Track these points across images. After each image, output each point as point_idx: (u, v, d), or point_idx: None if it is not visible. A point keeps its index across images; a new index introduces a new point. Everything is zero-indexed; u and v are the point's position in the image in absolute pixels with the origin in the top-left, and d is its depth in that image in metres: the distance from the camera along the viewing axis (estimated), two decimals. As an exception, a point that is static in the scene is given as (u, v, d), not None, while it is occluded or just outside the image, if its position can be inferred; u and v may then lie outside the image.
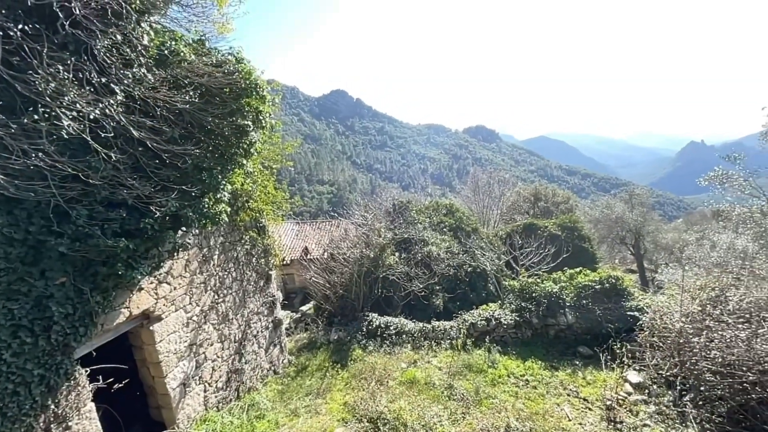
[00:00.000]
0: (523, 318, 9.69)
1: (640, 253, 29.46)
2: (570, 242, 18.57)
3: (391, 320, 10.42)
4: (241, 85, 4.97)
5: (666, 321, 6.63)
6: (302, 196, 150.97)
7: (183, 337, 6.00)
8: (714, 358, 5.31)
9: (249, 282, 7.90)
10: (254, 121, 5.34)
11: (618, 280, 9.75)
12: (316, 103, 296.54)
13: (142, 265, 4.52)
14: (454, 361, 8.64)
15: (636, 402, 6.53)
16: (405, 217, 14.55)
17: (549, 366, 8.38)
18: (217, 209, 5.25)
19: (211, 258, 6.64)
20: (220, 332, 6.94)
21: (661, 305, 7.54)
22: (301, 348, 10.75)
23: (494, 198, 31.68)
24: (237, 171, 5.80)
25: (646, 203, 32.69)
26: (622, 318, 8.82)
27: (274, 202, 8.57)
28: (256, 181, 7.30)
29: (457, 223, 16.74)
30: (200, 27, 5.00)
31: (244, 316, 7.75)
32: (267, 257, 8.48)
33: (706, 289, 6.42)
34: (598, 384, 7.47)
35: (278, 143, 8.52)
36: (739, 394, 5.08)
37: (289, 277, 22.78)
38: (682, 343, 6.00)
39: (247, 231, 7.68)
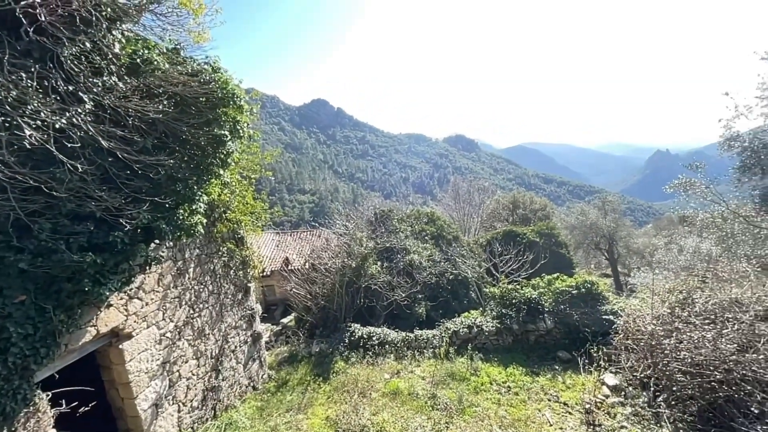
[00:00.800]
0: (504, 324, 9.81)
1: (614, 257, 30.54)
2: (548, 248, 19.05)
3: (374, 330, 10.33)
4: (217, 95, 4.89)
5: (638, 324, 6.87)
6: (283, 205, 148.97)
7: (155, 355, 5.74)
8: (683, 359, 5.53)
9: (226, 295, 7.67)
10: (231, 131, 5.26)
11: (593, 284, 10.04)
12: (297, 112, 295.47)
13: (111, 280, 4.32)
14: (437, 370, 8.63)
15: (613, 404, 6.68)
16: (387, 225, 14.57)
17: (530, 372, 8.49)
18: (192, 221, 5.09)
19: (186, 271, 6.42)
20: (195, 348, 6.68)
21: (634, 308, 7.81)
22: (282, 362, 10.47)
23: (474, 206, 32.26)
24: (214, 181, 5.67)
25: (618, 209, 34.07)
26: (598, 322, 9.07)
27: (252, 213, 8.41)
28: (234, 192, 7.15)
29: (439, 231, 16.90)
30: (175, 36, 4.91)
31: (222, 331, 7.50)
32: (245, 269, 8.27)
33: (674, 292, 6.71)
34: (578, 388, 7.62)
35: (257, 153, 8.41)
36: (707, 393, 5.28)
37: (269, 289, 22.28)
38: (654, 345, 6.22)
39: (225, 243, 7.48)
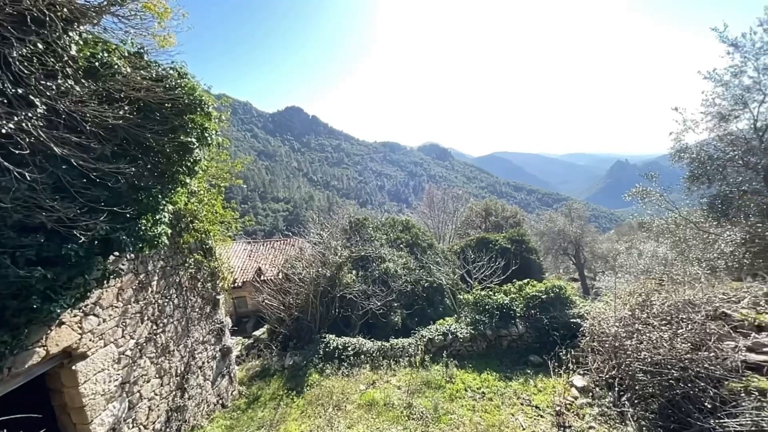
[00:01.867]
0: (478, 330, 9.95)
1: (581, 262, 31.92)
2: (519, 254, 19.62)
3: (349, 341, 10.18)
4: (184, 101, 4.72)
5: (603, 326, 7.17)
6: (256, 214, 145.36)
7: (113, 376, 5.36)
8: (644, 359, 5.82)
9: (193, 309, 7.33)
10: (199, 138, 5.09)
11: (561, 289, 10.42)
12: (271, 119, 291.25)
13: (64, 296, 4.02)
14: (413, 379, 8.60)
15: (582, 405, 6.90)
16: (362, 234, 14.52)
17: (503, 377, 8.63)
18: (155, 231, 4.85)
19: (149, 284, 6.09)
20: (158, 366, 6.31)
21: (599, 311, 8.16)
22: (253, 377, 10.08)
23: (449, 214, 32.85)
24: (180, 190, 5.44)
25: (584, 216, 35.78)
26: (566, 325, 9.39)
27: (222, 222, 8.14)
28: (202, 201, 6.90)
29: (414, 239, 17.02)
30: (139, 40, 4.72)
31: (188, 347, 7.14)
32: (214, 281, 7.96)
33: (634, 294, 7.08)
34: (548, 391, 7.81)
35: (227, 160, 8.18)
36: (666, 391, 5.57)
37: (240, 301, 21.53)
38: (617, 346, 6.51)
39: (192, 253, 7.17)
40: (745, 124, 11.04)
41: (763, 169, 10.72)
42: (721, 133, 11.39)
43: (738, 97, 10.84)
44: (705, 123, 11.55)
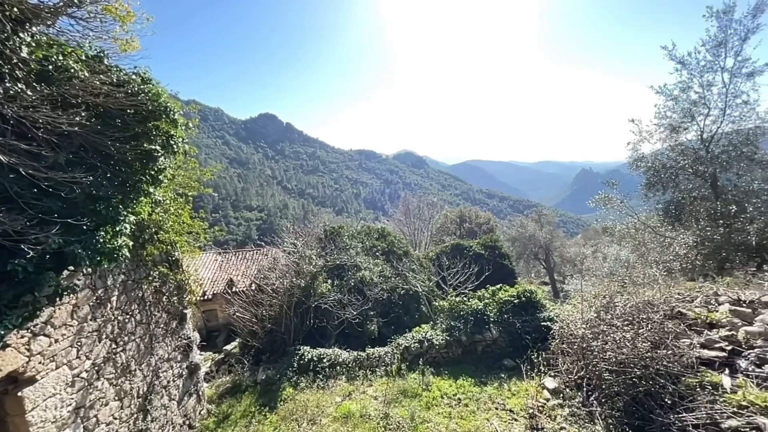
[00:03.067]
0: (453, 337, 10.04)
1: (551, 266, 33.07)
2: (492, 260, 20.08)
3: (325, 352, 9.98)
4: (147, 107, 4.54)
5: (571, 328, 7.43)
6: (227, 223, 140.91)
7: (66, 400, 4.97)
8: (609, 359, 6.07)
9: (158, 324, 6.95)
10: (164, 146, 4.89)
11: (532, 293, 10.73)
12: (243, 126, 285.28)
13: (9, 316, 3.70)
14: (389, 389, 8.52)
15: (553, 407, 7.08)
16: (337, 242, 14.38)
17: (478, 382, 8.73)
18: (115, 244, 4.58)
19: (108, 300, 5.72)
20: (118, 388, 5.91)
21: (567, 314, 8.45)
22: (224, 394, 9.65)
23: (424, 221, 33.21)
24: (143, 200, 5.19)
25: (553, 222, 37.26)
26: (537, 328, 9.66)
27: (190, 233, 7.82)
28: (168, 210, 6.61)
29: (389, 246, 17.06)
30: (99, 43, 4.51)
31: (151, 365, 6.74)
32: (181, 294, 7.60)
33: (599, 297, 7.41)
34: (522, 394, 7.97)
35: (195, 168, 7.90)
36: (630, 389, 5.82)
37: (211, 314, 20.67)
38: (585, 347, 6.76)
39: (157, 266, 6.83)
40: (693, 135, 11.96)
41: (710, 177, 11.61)
42: (673, 144, 12.26)
43: (686, 111, 11.73)
44: (658, 134, 12.41)
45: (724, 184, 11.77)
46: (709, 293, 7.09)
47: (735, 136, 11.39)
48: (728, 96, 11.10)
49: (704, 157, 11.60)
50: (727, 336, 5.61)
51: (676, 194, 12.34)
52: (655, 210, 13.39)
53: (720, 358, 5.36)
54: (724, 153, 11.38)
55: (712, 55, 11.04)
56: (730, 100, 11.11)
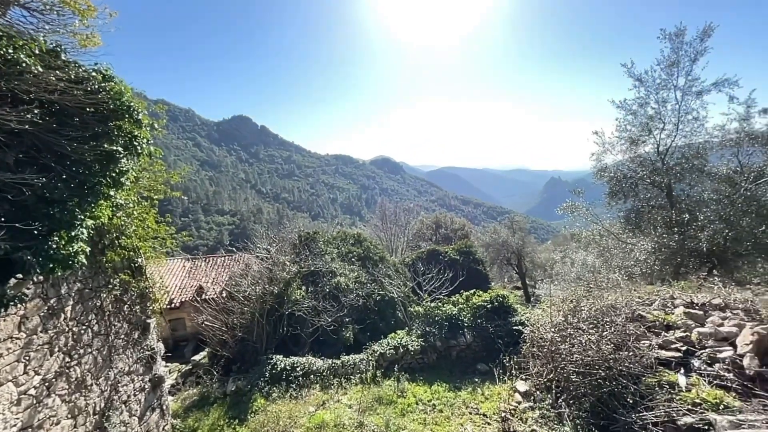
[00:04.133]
0: (428, 342, 10.09)
1: (523, 271, 34.01)
2: (467, 265, 20.43)
3: (298, 360, 9.75)
4: (109, 106, 4.31)
5: (541, 332, 7.63)
6: (198, 228, 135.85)
7: (11, 421, 4.55)
8: (576, 361, 6.27)
9: (118, 335, 6.54)
10: (127, 147, 4.66)
11: (504, 298, 10.99)
12: (216, 128, 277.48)
13: (-57, 330, 3.37)
14: (364, 396, 8.42)
15: (525, 410, 7.22)
16: (312, 248, 14.16)
17: (453, 387, 8.80)
18: (70, 250, 4.28)
19: (62, 310, 5.33)
20: (72, 405, 5.49)
21: (537, 318, 8.69)
22: (191, 407, 9.21)
23: (401, 226, 33.39)
24: (102, 203, 4.90)
25: (524, 228, 38.39)
26: (510, 332, 9.88)
27: (155, 238, 7.46)
28: (131, 215, 6.27)
29: (366, 252, 16.99)
30: (56, 37, 4.25)
31: (110, 379, 6.32)
32: (144, 303, 7.20)
33: (566, 301, 7.67)
34: (495, 398, 8.10)
35: (162, 171, 7.56)
36: (596, 390, 6.03)
37: (178, 323, 19.73)
38: (554, 350, 6.95)
39: (117, 273, 6.44)
40: (651, 147, 12.73)
41: (666, 187, 12.38)
42: (633, 155, 13.00)
43: (644, 125, 12.50)
44: (620, 146, 13.14)
45: (678, 193, 12.59)
46: (666, 297, 7.51)
47: (687, 150, 12.24)
48: (681, 112, 11.93)
49: (660, 169, 12.38)
50: (682, 337, 5.95)
51: (636, 203, 13.06)
52: (617, 217, 14.11)
53: (676, 358, 5.67)
54: (678, 165, 12.19)
55: (666, 74, 11.85)
56: (683, 116, 11.95)
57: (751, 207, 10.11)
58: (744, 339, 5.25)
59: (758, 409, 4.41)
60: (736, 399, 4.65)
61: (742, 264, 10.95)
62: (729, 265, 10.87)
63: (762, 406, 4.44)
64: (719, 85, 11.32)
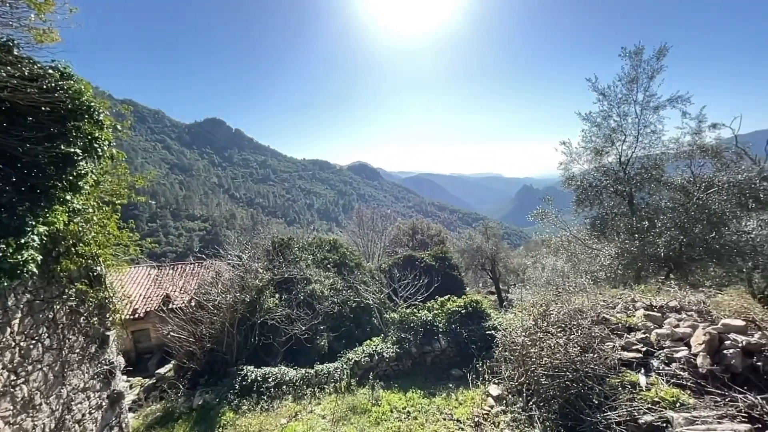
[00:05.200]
0: (404, 349, 10.08)
1: (496, 276, 34.79)
2: (443, 271, 20.66)
3: (270, 371, 9.47)
4: (67, 106, 4.07)
5: (513, 336, 7.82)
6: (166, 233, 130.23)
7: (-56, 448, 4.14)
8: (545, 364, 6.45)
9: (72, 349, 6.11)
10: (86, 149, 4.41)
11: (478, 303, 11.17)
12: (187, 130, 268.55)
13: None
14: (338, 406, 8.29)
15: (497, 413, 7.35)
16: (286, 255, 13.87)
17: (427, 393, 8.80)
18: (19, 258, 3.98)
19: (8, 324, 4.92)
20: (17, 427, 5.05)
21: (509, 323, 8.90)
22: (153, 424, 8.71)
23: (378, 232, 33.40)
24: (58, 208, 4.60)
25: (498, 234, 39.35)
26: (483, 337, 10.04)
27: (117, 245, 7.07)
28: (90, 220, 5.91)
29: (342, 258, 16.84)
30: (8, 31, 3.98)
31: (63, 397, 5.88)
32: (103, 314, 6.78)
33: (536, 305, 7.91)
34: (468, 403, 8.17)
35: (126, 174, 7.20)
36: (564, 392, 6.22)
37: (142, 334, 18.70)
38: (524, 354, 7.14)
39: (73, 283, 6.04)
40: (614, 158, 13.45)
41: (628, 196, 13.10)
42: (597, 165, 13.68)
43: (607, 136, 13.20)
44: (586, 156, 13.79)
45: (639, 202, 13.34)
46: (628, 300, 7.89)
47: (646, 161, 13.03)
48: (640, 125, 12.71)
49: (622, 178, 13.09)
50: (643, 338, 6.26)
51: (601, 210, 13.72)
52: (584, 224, 14.76)
53: (637, 358, 5.95)
54: (638, 175, 12.95)
55: (626, 89, 12.61)
56: (642, 129, 12.73)
57: (703, 215, 10.85)
58: (697, 339, 5.58)
59: (710, 405, 4.69)
60: (691, 396, 4.93)
61: (695, 268, 11.69)
62: (684, 269, 11.59)
63: (713, 402, 4.73)
64: (673, 101, 12.17)
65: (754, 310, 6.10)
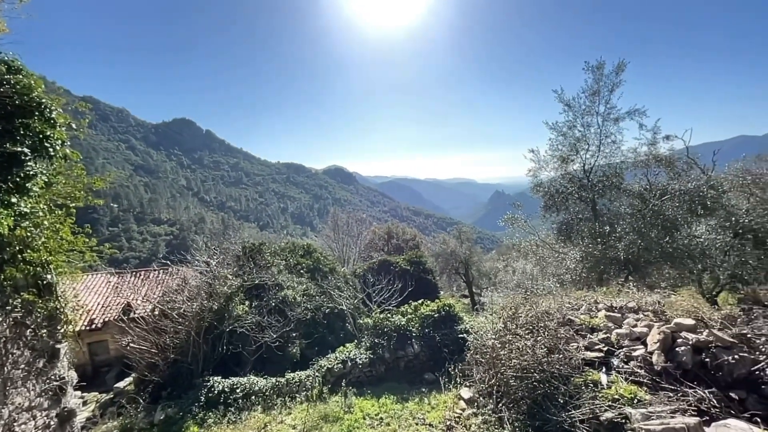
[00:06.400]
0: (377, 354, 10.03)
1: (470, 280, 35.46)
2: (417, 275, 20.80)
3: (239, 381, 9.13)
4: (14, 102, 3.78)
5: (483, 339, 7.98)
6: (129, 238, 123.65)
7: None
8: (514, 366, 6.61)
9: (16, 365, 5.63)
10: (36, 149, 4.11)
11: (451, 307, 11.32)
12: (154, 130, 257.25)
13: None
14: (309, 415, 8.10)
15: (468, 416, 7.43)
16: (257, 260, 13.50)
17: (400, 398, 8.79)
18: (-47, 267, 3.63)
19: (-60, 339, 4.48)
20: (-52, 453, 4.58)
21: (480, 326, 9.07)
22: (109, 442, 8.17)
23: (353, 237, 33.25)
24: (2, 212, 4.25)
25: (471, 239, 40.19)
26: (455, 341, 10.16)
27: (71, 251, 6.63)
28: (40, 225, 5.50)
29: (315, 263, 16.59)
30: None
31: (4, 417, 5.39)
32: (53, 326, 6.30)
33: (506, 308, 8.12)
34: (441, 407, 8.22)
35: (82, 175, 6.78)
36: (532, 392, 6.39)
37: (100, 346, 17.57)
38: (495, 356, 7.28)
39: (19, 292, 5.58)
40: (578, 166, 14.12)
41: (591, 202, 13.77)
42: (563, 173, 14.31)
43: (573, 145, 13.85)
44: (553, 163, 14.39)
45: (601, 208, 14.06)
46: (591, 301, 8.26)
47: (607, 169, 13.78)
48: (602, 135, 13.45)
49: (586, 185, 13.77)
50: (604, 338, 6.56)
51: (567, 216, 14.34)
52: (551, 229, 15.36)
53: (599, 358, 6.22)
54: (600, 182, 13.66)
55: (589, 101, 13.32)
56: (603, 139, 13.47)
57: (658, 220, 11.58)
58: (653, 338, 5.91)
59: (664, 400, 4.97)
60: (648, 393, 5.20)
61: (652, 270, 12.43)
62: (642, 271, 12.29)
63: (667, 398, 5.01)
64: (631, 113, 12.97)
65: (703, 309, 6.55)
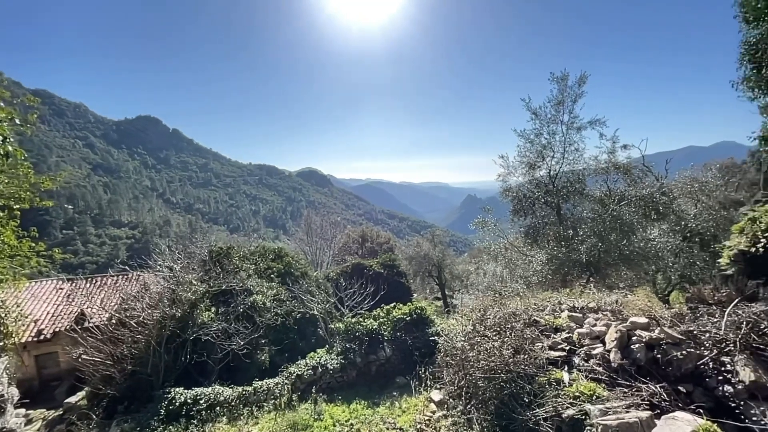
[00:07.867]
0: (348, 359, 9.92)
1: (443, 282, 35.96)
2: (391, 278, 20.85)
3: (202, 392, 8.72)
4: (-58, 92, 3.43)
5: (453, 341, 8.08)
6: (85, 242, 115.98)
7: None
8: (482, 367, 6.74)
9: (-55, 383, 5.10)
10: (-31, 145, 3.74)
11: (423, 310, 11.41)
12: (116, 127, 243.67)
13: None
14: (277, 424, 7.87)
15: (438, 418, 7.49)
16: (225, 265, 13.01)
17: (371, 403, 8.73)
18: None
19: None
20: None
21: (450, 328, 9.19)
22: (56, 463, 7.55)
23: (327, 240, 32.89)
24: (-73, 214, 3.84)
25: (444, 242, 40.82)
26: (426, 344, 10.24)
27: (14, 256, 6.11)
28: (-25, 228, 5.03)
29: (287, 267, 16.23)
30: None
31: (-71, 443, 4.86)
32: (-9, 339, 5.77)
33: (475, 310, 8.29)
34: (411, 410, 8.24)
35: (29, 174, 6.28)
36: (499, 392, 6.52)
37: (49, 358, 16.30)
38: (464, 358, 7.39)
39: (-51, 303, 5.07)
40: (544, 172, 14.70)
41: (556, 206, 14.37)
42: (531, 178, 14.85)
43: (539, 152, 14.41)
44: (521, 169, 14.90)
45: (565, 212, 14.70)
46: (555, 302, 8.58)
47: (571, 175, 14.44)
48: (566, 143, 14.09)
49: (552, 190, 14.36)
50: (567, 338, 6.82)
51: (534, 220, 14.88)
52: (519, 232, 15.87)
53: (562, 357, 6.46)
54: (564, 188, 14.29)
55: (554, 110, 13.93)
56: (567, 146, 14.12)
57: (616, 224, 12.25)
58: (610, 336, 6.20)
59: (620, 396, 5.22)
60: (606, 389, 5.44)
61: (611, 272, 13.11)
62: (602, 272, 12.93)
63: (623, 393, 5.26)
64: (593, 123, 13.69)
65: (656, 308, 6.97)
